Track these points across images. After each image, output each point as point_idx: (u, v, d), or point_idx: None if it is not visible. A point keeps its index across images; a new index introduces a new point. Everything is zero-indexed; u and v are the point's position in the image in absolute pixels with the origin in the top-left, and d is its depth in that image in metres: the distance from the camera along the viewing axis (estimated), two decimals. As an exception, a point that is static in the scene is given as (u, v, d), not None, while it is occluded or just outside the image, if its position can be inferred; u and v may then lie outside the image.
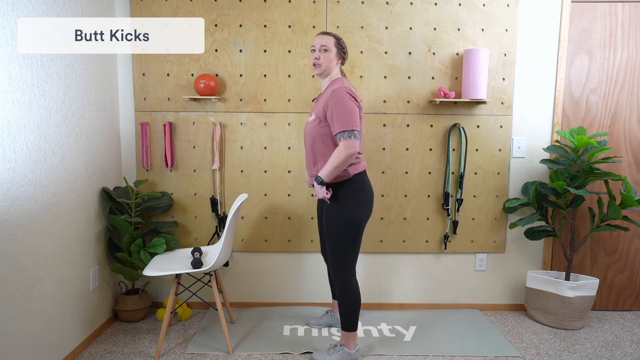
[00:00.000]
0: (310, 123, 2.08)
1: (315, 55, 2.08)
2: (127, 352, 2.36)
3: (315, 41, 2.11)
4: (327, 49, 2.07)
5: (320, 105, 2.07)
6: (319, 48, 2.07)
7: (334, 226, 2.07)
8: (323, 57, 2.07)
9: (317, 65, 2.08)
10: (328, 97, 2.00)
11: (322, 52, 2.07)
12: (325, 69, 2.08)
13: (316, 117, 2.06)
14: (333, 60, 2.09)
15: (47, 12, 2.06)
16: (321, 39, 2.08)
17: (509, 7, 2.71)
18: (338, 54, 2.11)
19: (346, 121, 1.93)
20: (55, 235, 2.12)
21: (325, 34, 2.11)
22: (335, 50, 2.09)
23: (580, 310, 2.65)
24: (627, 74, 2.80)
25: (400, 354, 2.36)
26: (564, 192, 2.58)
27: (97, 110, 2.51)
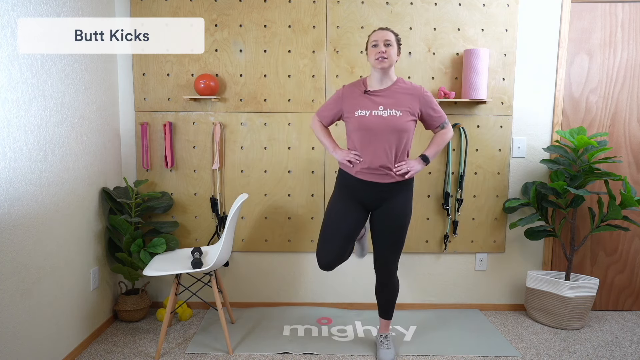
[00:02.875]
0: (400, 118, 2.06)
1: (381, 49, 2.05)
2: (127, 352, 2.36)
3: (376, 36, 2.09)
4: (390, 44, 2.07)
5: (405, 100, 2.09)
6: (383, 42, 2.06)
7: (407, 217, 2.19)
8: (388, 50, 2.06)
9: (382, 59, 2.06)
10: (420, 94, 2.11)
11: (387, 47, 2.06)
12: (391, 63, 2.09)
13: (404, 113, 2.07)
14: (395, 54, 2.11)
15: (47, 12, 2.06)
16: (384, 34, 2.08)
17: (509, 7, 2.71)
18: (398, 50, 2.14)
19: (444, 113, 2.19)
20: (55, 235, 2.12)
21: (386, 30, 2.11)
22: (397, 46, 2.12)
23: (580, 310, 2.65)
24: (627, 74, 2.80)
25: (400, 354, 2.36)
26: (564, 192, 2.58)
27: (97, 110, 2.51)
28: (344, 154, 2.15)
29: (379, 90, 2.10)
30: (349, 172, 2.16)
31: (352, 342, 2.48)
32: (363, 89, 2.13)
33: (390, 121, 2.05)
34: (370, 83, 2.15)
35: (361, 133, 2.08)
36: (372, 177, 2.11)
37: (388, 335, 2.36)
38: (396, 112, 2.06)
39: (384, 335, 2.36)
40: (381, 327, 2.39)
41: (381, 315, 2.36)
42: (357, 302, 2.93)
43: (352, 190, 2.17)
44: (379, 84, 2.12)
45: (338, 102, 2.19)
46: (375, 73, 2.11)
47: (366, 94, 2.11)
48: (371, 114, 2.07)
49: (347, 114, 2.15)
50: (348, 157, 2.12)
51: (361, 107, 2.09)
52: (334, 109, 2.20)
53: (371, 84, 2.14)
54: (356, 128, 2.10)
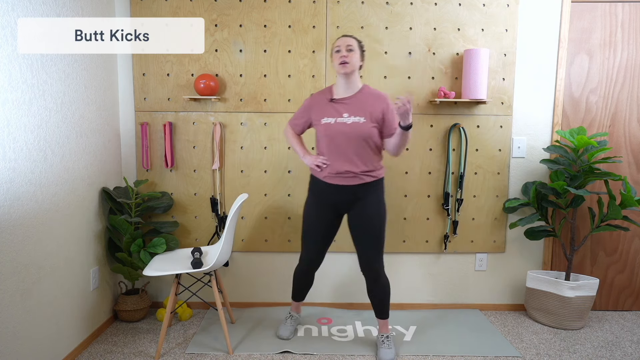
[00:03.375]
0: (363, 124, 2.13)
1: (343, 54, 2.12)
2: (127, 352, 2.36)
3: (339, 42, 2.16)
4: (352, 49, 2.14)
5: (368, 107, 2.15)
6: (345, 48, 2.13)
7: (382, 217, 2.24)
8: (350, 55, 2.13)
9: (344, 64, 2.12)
10: (383, 102, 2.16)
11: (349, 52, 2.13)
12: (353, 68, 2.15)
13: (368, 120, 2.14)
14: (358, 60, 2.17)
15: (47, 12, 2.06)
16: (346, 40, 2.16)
17: (509, 7, 2.72)
18: (362, 56, 2.20)
19: None
20: (55, 235, 2.12)
21: (350, 37, 2.18)
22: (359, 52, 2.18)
23: (580, 310, 2.65)
24: (627, 74, 2.80)
25: (400, 354, 2.36)
26: (564, 192, 2.58)
27: (97, 110, 2.51)
28: (312, 159, 2.26)
29: (344, 98, 2.20)
30: (318, 176, 2.26)
31: (352, 342, 2.48)
32: (329, 97, 2.23)
33: (355, 128, 2.14)
34: (336, 91, 2.24)
35: (328, 139, 2.18)
36: (340, 180, 2.19)
37: (389, 336, 2.38)
38: (360, 118, 2.14)
39: (385, 335, 2.37)
40: (380, 327, 2.40)
41: (377, 315, 2.39)
42: (357, 302, 2.93)
43: (323, 194, 2.27)
44: (344, 91, 2.21)
45: (306, 111, 2.31)
46: (340, 80, 2.20)
47: (332, 102, 2.21)
48: (336, 122, 2.16)
49: (315, 121, 2.26)
50: (316, 162, 2.23)
51: (327, 115, 2.19)
52: (303, 117, 2.33)
53: (337, 92, 2.23)
54: (323, 135, 2.20)
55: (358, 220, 2.25)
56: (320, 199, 2.29)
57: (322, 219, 2.30)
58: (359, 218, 2.24)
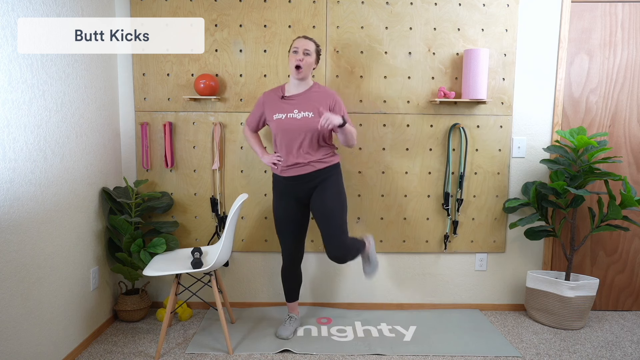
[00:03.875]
0: (312, 119, 2.26)
1: (299, 57, 2.24)
2: (127, 352, 2.36)
3: (298, 43, 2.27)
4: (309, 53, 2.26)
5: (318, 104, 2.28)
6: (302, 51, 2.25)
7: (341, 200, 2.36)
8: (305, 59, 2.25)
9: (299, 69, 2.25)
10: (331, 99, 2.32)
11: (305, 56, 2.26)
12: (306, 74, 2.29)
13: (316, 114, 2.26)
14: (312, 64, 2.31)
15: (47, 12, 2.06)
16: (305, 43, 2.27)
17: (509, 7, 2.71)
18: (317, 59, 2.35)
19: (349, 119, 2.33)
20: (55, 235, 2.12)
21: (309, 39, 2.30)
22: (315, 56, 2.31)
23: (580, 310, 2.65)
24: (627, 74, 2.80)
25: (400, 354, 2.36)
26: (564, 192, 2.58)
27: (97, 110, 2.51)
28: (269, 158, 2.40)
29: (294, 95, 2.33)
30: (276, 173, 2.40)
31: (352, 342, 2.48)
32: (281, 95, 2.36)
33: (304, 122, 2.27)
34: (287, 88, 2.37)
35: (280, 135, 2.31)
36: (293, 171, 2.32)
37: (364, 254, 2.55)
38: (309, 113, 2.27)
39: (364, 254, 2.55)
40: None
41: None
42: (357, 302, 2.93)
43: (284, 189, 2.39)
44: (295, 89, 2.35)
45: (259, 108, 2.42)
46: (292, 79, 2.34)
47: (283, 99, 2.34)
48: (287, 117, 2.29)
49: (267, 118, 2.38)
50: (272, 160, 2.37)
51: (278, 111, 2.32)
52: (257, 114, 2.44)
53: (288, 89, 2.37)
54: (275, 130, 2.33)
55: (317, 204, 2.34)
56: (282, 194, 2.41)
57: (289, 212, 2.40)
58: (318, 202, 2.34)
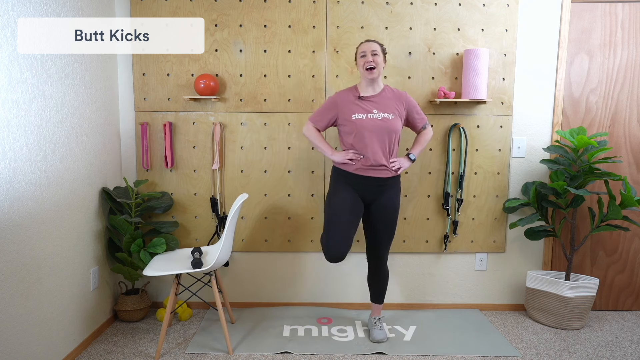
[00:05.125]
0: (392, 120, 2.30)
1: (369, 59, 2.27)
2: (127, 352, 2.36)
3: (364, 47, 2.30)
4: (376, 53, 2.29)
5: (394, 105, 2.34)
6: (370, 52, 2.28)
7: (398, 210, 2.43)
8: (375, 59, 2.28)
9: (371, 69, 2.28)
10: (405, 98, 2.38)
11: (374, 56, 2.28)
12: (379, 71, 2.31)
13: (396, 116, 2.32)
14: (382, 63, 2.32)
15: (47, 12, 2.06)
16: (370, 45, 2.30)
17: (509, 7, 2.72)
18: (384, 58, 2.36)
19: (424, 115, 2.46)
20: (55, 235, 2.12)
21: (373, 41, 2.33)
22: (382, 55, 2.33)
23: (580, 310, 2.65)
24: (627, 74, 2.80)
25: (400, 354, 2.37)
26: (564, 192, 2.58)
27: (97, 110, 2.51)
28: (343, 155, 2.33)
29: (371, 96, 2.34)
30: (348, 169, 2.35)
31: (352, 342, 2.48)
32: (357, 95, 2.35)
33: (385, 123, 2.29)
34: (362, 89, 2.37)
35: (360, 134, 2.29)
36: (372, 172, 2.32)
37: (381, 318, 2.58)
38: (389, 115, 2.30)
39: (377, 318, 2.57)
40: (374, 311, 2.60)
41: (374, 300, 2.58)
42: (357, 302, 2.93)
43: (351, 185, 2.36)
44: (370, 90, 2.35)
45: (333, 108, 2.38)
46: (364, 81, 2.35)
47: (360, 99, 2.33)
48: (367, 117, 2.29)
49: (343, 118, 2.34)
50: (348, 157, 2.31)
51: (357, 112, 2.31)
52: (329, 114, 2.39)
53: (364, 90, 2.36)
54: (354, 130, 2.30)
55: (379, 211, 2.38)
56: (349, 187, 2.36)
57: (353, 205, 2.32)
58: (380, 209, 2.38)
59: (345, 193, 2.34)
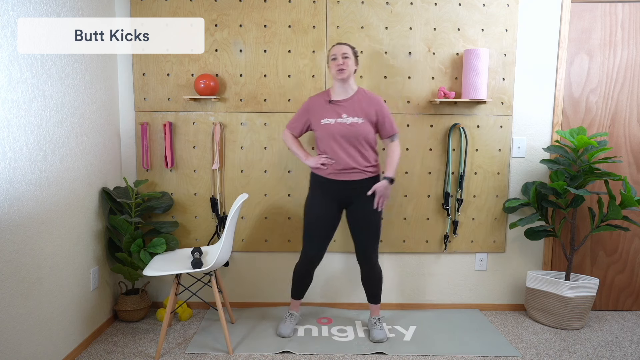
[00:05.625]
0: (362, 124, 2.30)
1: (339, 62, 2.28)
2: (127, 352, 2.36)
3: (335, 50, 2.31)
4: (347, 56, 2.29)
5: (364, 109, 2.32)
6: (341, 55, 2.28)
7: (378, 213, 2.39)
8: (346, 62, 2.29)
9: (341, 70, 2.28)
10: (376, 103, 2.35)
11: (345, 59, 2.29)
12: (349, 73, 2.31)
13: (366, 120, 2.31)
14: (353, 65, 2.33)
15: (47, 12, 2.06)
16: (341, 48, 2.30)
17: (509, 7, 2.72)
18: (356, 61, 2.37)
19: (395, 126, 2.41)
20: (55, 235, 2.12)
21: (344, 44, 2.33)
22: (354, 58, 2.34)
23: (580, 310, 2.65)
24: (627, 74, 2.80)
25: (400, 354, 2.37)
26: (564, 192, 2.58)
27: (97, 110, 2.51)
28: (316, 160, 2.38)
29: (342, 100, 2.35)
30: (322, 174, 2.39)
31: (352, 342, 2.48)
32: (327, 99, 2.37)
33: (353, 127, 2.30)
34: (334, 93, 2.38)
35: (329, 139, 2.32)
36: (344, 176, 2.34)
37: (380, 318, 2.57)
38: (358, 119, 2.31)
39: (376, 317, 2.57)
40: (372, 311, 2.59)
41: (370, 301, 2.58)
42: (357, 302, 2.93)
43: (326, 190, 2.40)
44: (341, 93, 2.36)
45: (305, 113, 2.43)
46: (337, 83, 2.35)
47: (331, 103, 2.35)
48: (336, 122, 2.31)
49: (314, 122, 2.38)
50: (320, 161, 2.36)
51: (326, 116, 2.33)
52: (302, 120, 2.44)
53: (335, 94, 2.37)
54: (324, 135, 2.33)
55: (359, 214, 2.38)
56: (324, 194, 2.40)
57: (327, 212, 2.41)
58: (360, 212, 2.38)
59: (321, 198, 2.41)
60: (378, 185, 2.33)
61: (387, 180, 2.35)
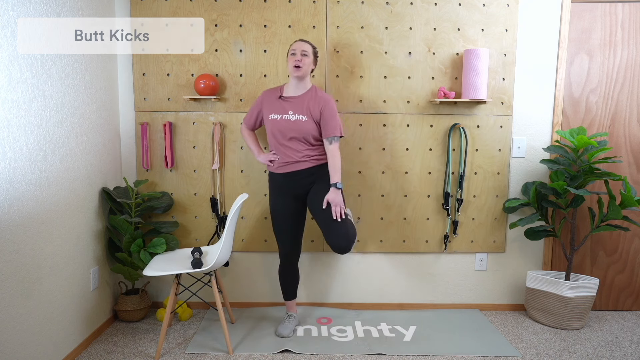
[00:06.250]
0: (305, 122, 2.32)
1: (297, 58, 2.28)
2: (127, 352, 2.36)
3: (295, 46, 2.32)
4: (306, 54, 2.31)
5: (310, 107, 2.33)
6: (300, 52, 2.29)
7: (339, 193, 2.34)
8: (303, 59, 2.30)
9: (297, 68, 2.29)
10: (323, 102, 2.33)
11: (303, 56, 2.30)
12: (305, 72, 2.32)
13: (310, 118, 2.33)
14: (310, 64, 2.34)
15: (47, 12, 2.06)
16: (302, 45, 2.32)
17: (509, 7, 2.72)
18: (314, 60, 2.39)
19: (340, 128, 2.35)
20: (55, 235, 2.12)
21: (305, 42, 2.35)
22: (313, 57, 2.35)
23: (580, 310, 2.65)
24: (627, 74, 2.80)
25: (400, 354, 2.37)
26: (564, 192, 2.58)
27: (97, 110, 2.51)
28: (265, 156, 2.46)
29: (292, 97, 2.38)
30: (272, 170, 2.46)
31: (352, 342, 2.48)
32: (279, 95, 2.41)
33: (297, 125, 2.33)
34: (286, 89, 2.41)
35: (274, 134, 2.37)
36: (289, 167, 2.38)
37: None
38: (302, 117, 2.33)
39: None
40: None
41: None
42: (357, 302, 2.93)
43: (281, 186, 2.44)
44: (293, 90, 2.39)
45: (258, 106, 2.48)
46: (292, 80, 2.38)
47: (280, 99, 2.39)
48: (282, 118, 2.35)
49: (264, 117, 2.42)
50: (268, 158, 2.43)
51: (274, 111, 2.38)
52: (254, 112, 2.49)
53: (287, 90, 2.41)
54: (270, 129, 2.39)
55: (316, 200, 2.35)
56: (279, 191, 2.45)
57: (286, 209, 2.44)
58: (317, 198, 2.35)
59: (278, 197, 2.46)
60: (328, 196, 2.29)
61: (333, 188, 2.30)
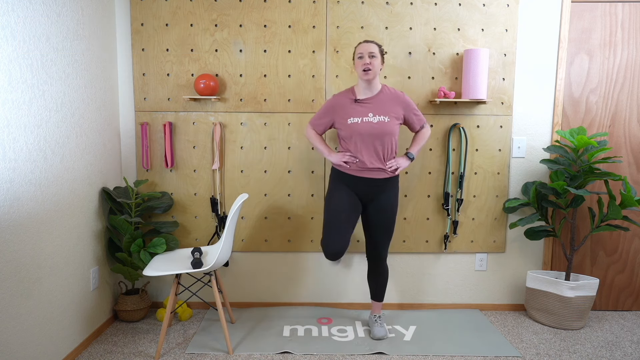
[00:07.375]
0: (388, 123, 2.30)
1: (366, 61, 2.25)
2: (127, 352, 2.36)
3: (362, 49, 2.27)
4: (374, 55, 2.26)
5: (391, 107, 2.33)
6: (368, 54, 2.25)
7: (396, 210, 2.44)
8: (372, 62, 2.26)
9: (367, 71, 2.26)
10: (400, 99, 2.36)
11: (371, 58, 2.26)
12: (375, 74, 2.29)
13: (392, 118, 2.32)
14: (379, 65, 2.31)
15: (47, 12, 2.06)
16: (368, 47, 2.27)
17: (509, 7, 2.72)
18: (382, 60, 2.35)
19: (422, 116, 2.45)
20: (55, 235, 2.12)
21: (371, 42, 2.29)
22: (380, 57, 2.32)
23: (580, 310, 2.65)
24: (627, 74, 2.80)
25: (400, 354, 2.37)
26: (564, 192, 2.58)
27: (97, 110, 2.51)
28: (339, 157, 2.38)
29: (367, 99, 2.34)
30: (345, 171, 2.39)
31: (352, 342, 2.48)
32: (353, 98, 2.36)
33: (380, 126, 2.29)
34: (358, 92, 2.37)
35: (355, 138, 2.31)
36: (368, 173, 2.34)
37: (381, 316, 2.61)
38: (384, 117, 2.31)
39: (377, 315, 2.60)
40: (374, 309, 2.63)
41: (374, 298, 2.61)
42: (357, 302, 2.93)
43: (348, 184, 2.40)
44: (366, 92, 2.35)
45: (329, 112, 2.41)
46: (362, 82, 2.33)
47: (356, 103, 2.34)
48: (362, 121, 2.30)
49: (339, 122, 2.36)
50: (344, 159, 2.35)
51: (353, 115, 2.32)
52: (325, 118, 2.43)
53: (359, 93, 2.36)
54: (350, 134, 2.32)
55: (377, 212, 2.40)
56: (347, 187, 2.40)
57: (348, 202, 2.37)
58: (378, 209, 2.40)
59: (343, 192, 2.39)
60: (398, 158, 2.39)
61: (406, 156, 2.41)
